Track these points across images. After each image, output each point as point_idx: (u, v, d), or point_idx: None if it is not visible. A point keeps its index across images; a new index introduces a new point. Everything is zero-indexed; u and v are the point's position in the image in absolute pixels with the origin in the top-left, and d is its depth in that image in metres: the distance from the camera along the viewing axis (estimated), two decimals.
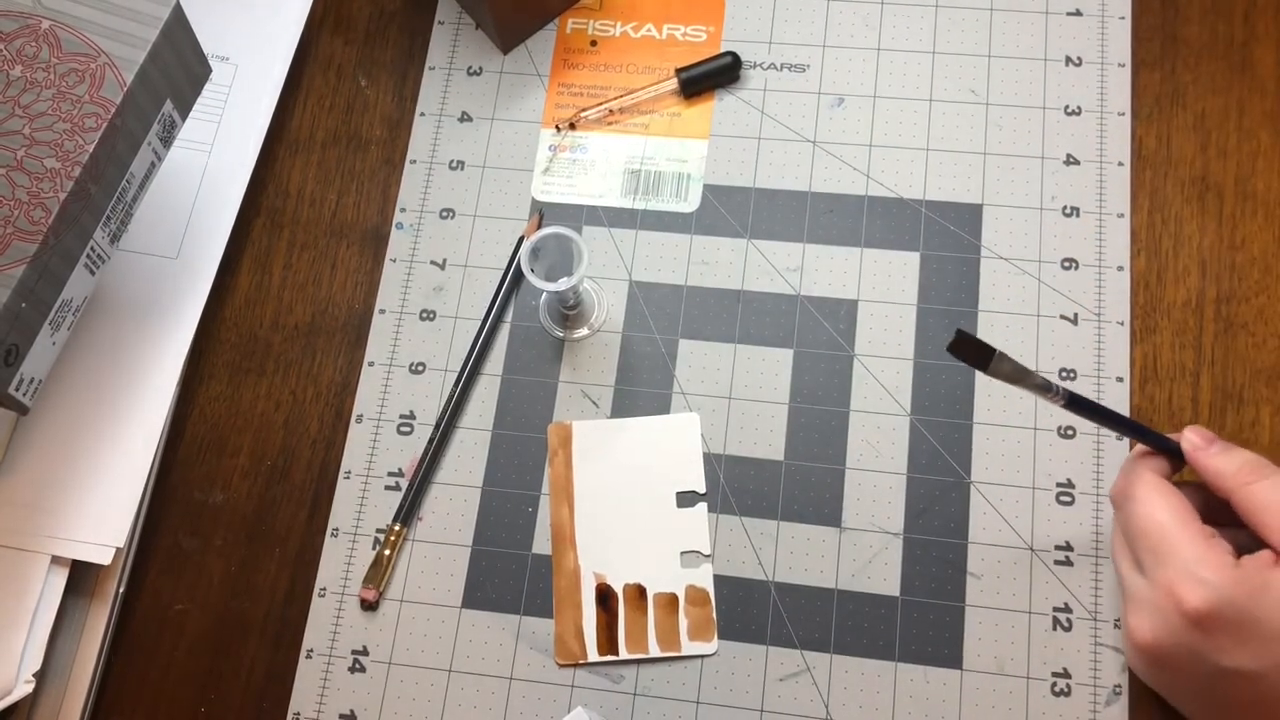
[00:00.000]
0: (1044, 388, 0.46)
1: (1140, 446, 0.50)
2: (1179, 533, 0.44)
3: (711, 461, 0.58)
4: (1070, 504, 0.55)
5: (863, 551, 0.56)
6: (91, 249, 0.53)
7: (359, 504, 0.59)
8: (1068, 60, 0.62)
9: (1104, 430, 0.56)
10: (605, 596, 0.56)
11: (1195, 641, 0.44)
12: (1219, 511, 0.47)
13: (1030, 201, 0.60)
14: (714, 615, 0.55)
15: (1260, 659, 0.43)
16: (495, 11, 0.63)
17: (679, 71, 0.63)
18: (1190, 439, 0.48)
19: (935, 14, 0.64)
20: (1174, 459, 0.49)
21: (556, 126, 0.64)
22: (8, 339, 0.50)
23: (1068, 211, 0.60)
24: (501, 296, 0.61)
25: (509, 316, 0.61)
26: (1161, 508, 0.45)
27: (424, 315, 0.62)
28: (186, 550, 0.59)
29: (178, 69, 0.54)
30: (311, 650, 0.57)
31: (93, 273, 0.54)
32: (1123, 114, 0.61)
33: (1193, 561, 0.43)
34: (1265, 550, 0.44)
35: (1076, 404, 0.48)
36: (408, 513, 0.58)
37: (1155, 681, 0.48)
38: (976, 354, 0.45)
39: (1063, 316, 0.58)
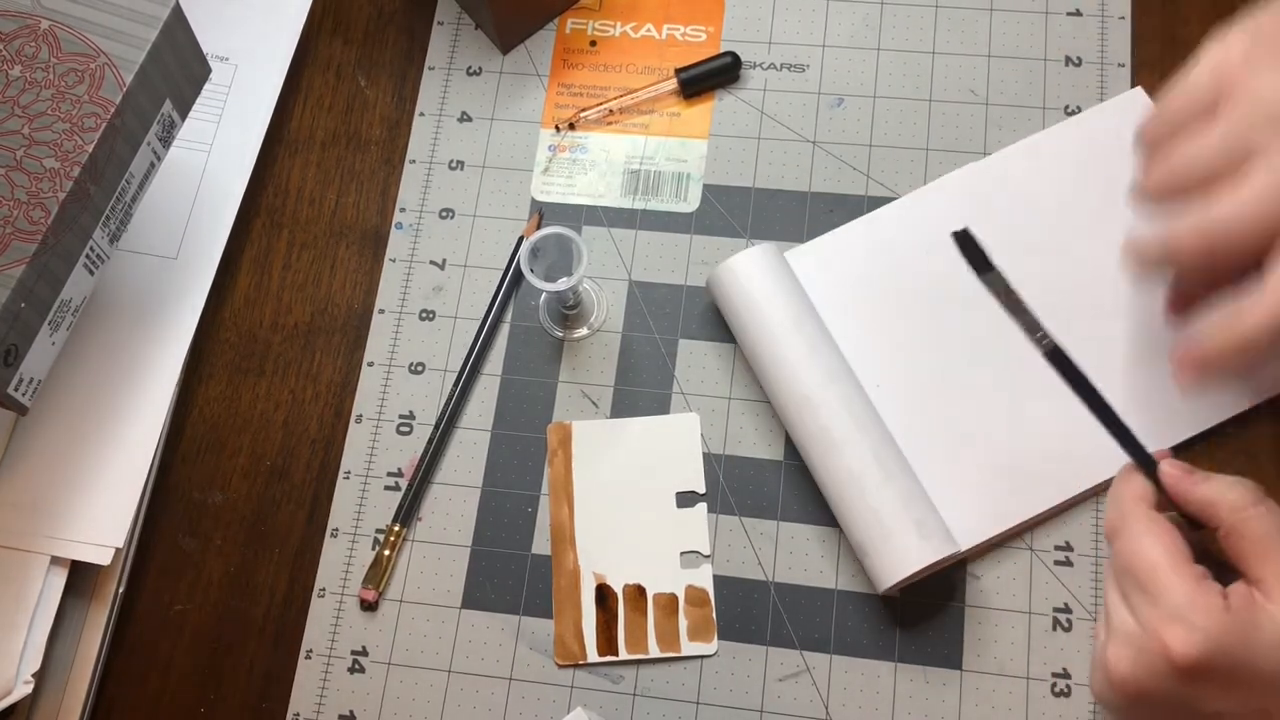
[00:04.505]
0: (1031, 328, 0.44)
1: (1126, 472, 0.47)
2: (1170, 573, 0.42)
3: (711, 461, 0.58)
4: None
5: None
6: (91, 249, 0.53)
7: (358, 504, 0.59)
8: (1068, 60, 0.62)
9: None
10: (605, 597, 0.56)
11: (1178, 688, 0.41)
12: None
13: None
14: (714, 615, 0.55)
15: (1245, 703, 0.41)
16: (495, 11, 0.63)
17: (679, 71, 0.63)
18: (1169, 472, 0.45)
19: (935, 14, 0.64)
20: (1149, 471, 0.46)
21: (556, 126, 0.64)
22: (7, 339, 0.50)
23: None
24: (501, 296, 0.61)
25: (509, 316, 0.61)
26: (1153, 545, 0.43)
27: (423, 315, 0.62)
28: (186, 550, 0.59)
29: (177, 69, 0.54)
30: (311, 650, 0.57)
31: (92, 273, 0.54)
32: None
33: (1184, 605, 0.41)
34: (1240, 583, 0.42)
35: (1057, 359, 0.45)
36: (407, 513, 0.58)
37: (1121, 716, 0.45)
38: (977, 258, 0.42)
39: None
